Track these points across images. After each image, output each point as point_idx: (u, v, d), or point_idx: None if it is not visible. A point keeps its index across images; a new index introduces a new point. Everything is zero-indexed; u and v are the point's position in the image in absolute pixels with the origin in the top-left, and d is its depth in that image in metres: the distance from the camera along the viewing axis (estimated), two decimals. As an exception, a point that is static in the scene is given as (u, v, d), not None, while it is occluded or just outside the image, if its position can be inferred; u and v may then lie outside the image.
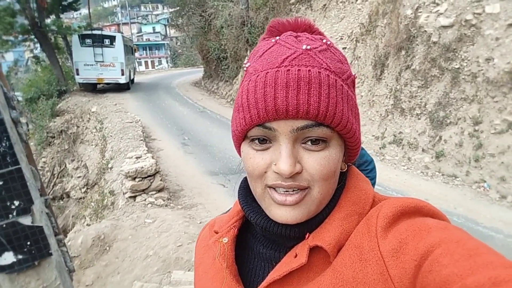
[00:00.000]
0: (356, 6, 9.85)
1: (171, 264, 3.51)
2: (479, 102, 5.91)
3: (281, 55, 0.53)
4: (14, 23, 13.98)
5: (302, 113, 0.50)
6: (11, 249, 1.74)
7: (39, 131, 12.78)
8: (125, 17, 64.54)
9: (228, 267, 0.60)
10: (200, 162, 7.36)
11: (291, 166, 0.50)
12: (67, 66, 17.73)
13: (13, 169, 1.72)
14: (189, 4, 16.90)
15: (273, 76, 0.51)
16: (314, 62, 0.52)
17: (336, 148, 0.54)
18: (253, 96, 0.52)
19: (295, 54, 0.52)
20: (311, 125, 0.51)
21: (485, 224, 4.50)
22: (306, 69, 0.51)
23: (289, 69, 0.51)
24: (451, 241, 0.42)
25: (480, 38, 6.10)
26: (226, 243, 0.62)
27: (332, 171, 0.53)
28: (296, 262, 0.53)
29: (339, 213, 0.56)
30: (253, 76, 0.54)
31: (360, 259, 0.50)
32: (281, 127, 0.51)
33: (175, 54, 46.86)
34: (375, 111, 7.82)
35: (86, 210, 7.40)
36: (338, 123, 0.52)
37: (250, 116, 0.52)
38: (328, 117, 0.50)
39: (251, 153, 0.55)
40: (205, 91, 16.85)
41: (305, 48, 0.53)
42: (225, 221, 0.66)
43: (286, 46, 0.54)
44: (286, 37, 0.56)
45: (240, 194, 0.65)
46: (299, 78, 0.50)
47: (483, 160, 5.59)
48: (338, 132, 0.53)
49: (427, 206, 0.52)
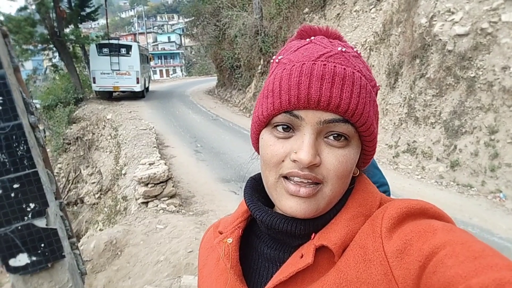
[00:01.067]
0: (370, 15, 9.84)
1: (182, 270, 3.52)
2: (495, 111, 5.81)
3: (317, 51, 0.54)
4: (34, 32, 14.37)
5: (333, 106, 0.51)
6: (26, 250, 1.77)
7: (56, 138, 13.03)
8: (141, 27, 65.85)
9: (232, 267, 0.60)
10: (212, 169, 7.39)
11: (311, 156, 0.51)
12: (84, 75, 18.12)
13: (30, 172, 1.75)
14: (204, 14, 17.16)
15: (309, 68, 0.52)
16: (349, 63, 0.54)
17: (355, 149, 0.55)
18: (287, 83, 0.53)
19: (331, 52, 0.54)
20: (338, 120, 0.52)
21: (500, 235, 4.39)
22: (342, 67, 0.52)
23: (326, 64, 0.52)
24: (457, 242, 0.42)
25: (496, 46, 6.02)
26: (230, 243, 0.62)
27: (348, 171, 0.54)
28: (302, 262, 0.53)
29: (346, 214, 0.56)
30: (288, 66, 0.54)
31: (364, 259, 0.50)
32: (308, 117, 0.52)
33: (190, 63, 47.44)
34: (388, 119, 7.75)
35: (99, 216, 7.49)
36: (364, 123, 0.53)
37: (280, 101, 0.53)
38: (356, 115, 0.52)
39: (272, 141, 0.55)
40: (218, 99, 16.97)
41: (340, 49, 0.55)
42: (230, 222, 0.67)
43: (321, 45, 0.55)
44: (321, 38, 0.58)
45: (246, 193, 0.65)
46: (335, 73, 0.51)
47: (499, 170, 5.47)
48: (360, 132, 0.54)
49: (432, 208, 0.51)
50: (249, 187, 0.66)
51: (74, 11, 16.26)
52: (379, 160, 7.20)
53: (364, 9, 10.16)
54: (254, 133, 0.60)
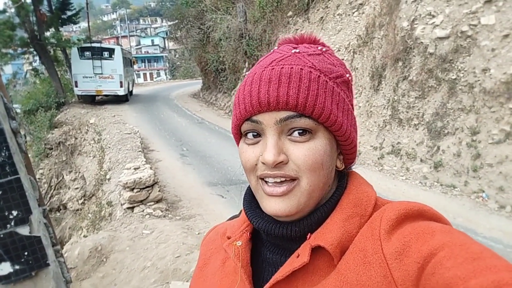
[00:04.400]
0: (353, 18, 9.97)
1: (169, 275, 3.47)
2: (476, 112, 5.94)
3: (271, 59, 0.58)
4: (13, 36, 14.08)
5: (282, 104, 0.53)
6: (8, 259, 1.72)
7: (37, 143, 12.76)
8: (124, 30, 65.12)
9: (243, 267, 0.61)
10: (199, 173, 7.35)
11: (274, 156, 0.53)
12: (66, 79, 17.81)
13: (12, 179, 1.71)
14: (188, 17, 17.07)
15: (259, 75, 0.56)
16: (299, 61, 0.56)
17: (322, 141, 0.56)
18: (242, 93, 0.57)
19: (283, 56, 0.57)
20: (293, 116, 0.54)
21: (484, 234, 4.48)
22: (289, 66, 0.55)
23: (274, 67, 0.56)
24: (455, 244, 0.43)
25: (476, 49, 6.17)
26: (240, 245, 0.63)
27: (318, 162, 0.55)
28: (298, 261, 0.54)
29: (340, 214, 0.56)
30: (247, 78, 0.59)
31: (364, 262, 0.50)
32: (266, 120, 0.55)
33: (174, 66, 47.16)
34: (373, 121, 7.85)
35: (83, 222, 7.34)
36: (320, 114, 0.54)
37: (239, 111, 0.57)
38: (307, 107, 0.53)
39: (244, 148, 0.59)
40: (203, 102, 16.91)
41: (293, 52, 0.57)
42: (237, 227, 0.68)
43: (279, 52, 0.59)
44: (284, 46, 0.61)
45: (245, 200, 0.67)
46: (281, 74, 0.54)
47: (481, 170, 5.59)
48: (323, 124, 0.55)
49: (430, 210, 0.52)
50: (248, 194, 0.67)
51: (54, 14, 15.99)
52: (364, 161, 7.28)
53: (347, 12, 10.29)
54: (236, 144, 0.64)
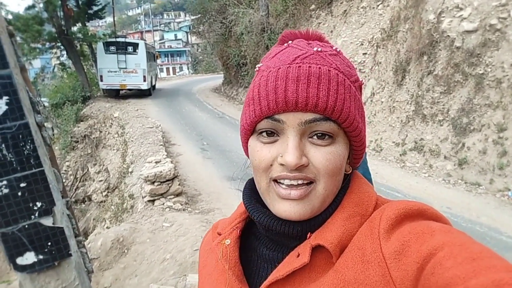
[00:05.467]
0: (377, 11, 9.76)
1: (188, 268, 3.54)
2: (503, 108, 5.73)
3: (293, 55, 0.55)
4: (41, 31, 14.51)
5: (311, 106, 0.51)
6: (33, 249, 1.79)
7: (64, 136, 13.16)
8: (148, 25, 65.98)
9: (230, 268, 0.60)
10: (219, 167, 7.41)
11: (297, 158, 0.51)
12: (92, 73, 18.25)
13: (37, 171, 1.77)
14: (210, 12, 17.15)
15: (284, 71, 0.53)
16: (324, 62, 0.54)
17: (342, 146, 0.55)
18: (264, 89, 0.54)
19: (307, 54, 0.54)
20: (319, 118, 0.52)
21: (508, 234, 4.34)
22: (317, 66, 0.53)
23: (300, 65, 0.53)
24: (455, 244, 0.42)
25: (505, 43, 5.94)
26: (228, 244, 0.62)
27: (338, 167, 0.54)
28: (298, 261, 0.53)
29: (341, 214, 0.56)
30: (265, 73, 0.56)
31: (362, 260, 0.50)
32: (289, 120, 0.53)
33: (196, 60, 47.47)
34: (395, 117, 7.70)
35: (106, 213, 7.55)
36: (345, 119, 0.53)
37: (260, 108, 0.54)
38: (335, 112, 0.52)
39: (259, 146, 0.56)
40: (224, 97, 16.99)
41: (316, 50, 0.55)
42: (228, 223, 0.67)
43: (298, 48, 0.56)
44: (298, 41, 0.58)
45: (244, 194, 0.66)
46: (310, 74, 0.52)
47: (508, 168, 5.41)
48: (344, 129, 0.54)
49: (430, 209, 0.52)
50: (248, 189, 0.67)
51: (81, 9, 16.37)
52: (386, 158, 7.15)
53: (371, 5, 10.08)
54: (243, 141, 0.62)
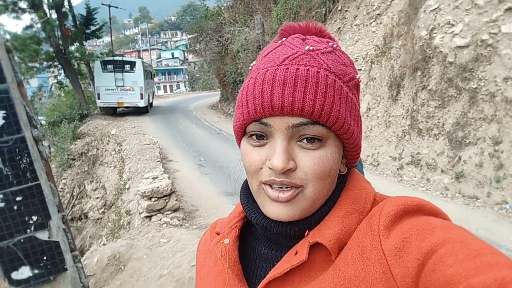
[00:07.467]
0: (371, 28, 9.93)
1: (185, 284, 3.49)
2: (498, 121, 5.79)
3: (283, 55, 0.54)
4: (39, 50, 14.63)
5: (297, 110, 0.50)
6: (28, 263, 1.77)
7: (61, 154, 13.11)
8: (145, 44, 66.81)
9: (230, 267, 0.60)
10: (216, 183, 7.38)
11: (284, 162, 0.51)
12: (89, 91, 18.35)
13: (33, 185, 1.77)
14: (207, 30, 17.39)
15: (271, 74, 0.52)
16: (315, 62, 0.52)
17: (332, 149, 0.54)
18: (252, 92, 0.53)
19: (297, 54, 0.53)
20: (306, 122, 0.51)
21: (508, 247, 4.32)
22: (305, 68, 0.51)
23: (288, 67, 0.52)
24: (456, 241, 0.42)
25: (497, 57, 6.04)
26: (227, 244, 0.62)
27: (326, 171, 0.53)
28: (296, 259, 0.53)
29: (339, 211, 0.56)
30: (254, 74, 0.55)
31: (363, 257, 0.49)
32: (276, 123, 0.52)
33: (193, 78, 47.88)
34: (391, 131, 7.74)
35: (103, 230, 7.46)
36: (334, 122, 0.52)
37: (248, 111, 0.53)
38: (323, 115, 0.51)
39: (249, 149, 0.56)
40: (221, 113, 17.06)
41: (307, 49, 0.54)
42: (226, 222, 0.67)
43: (290, 46, 0.55)
44: (292, 39, 0.57)
45: (242, 194, 0.65)
46: (297, 76, 0.51)
47: (505, 181, 5.42)
48: (334, 132, 0.53)
49: (428, 204, 0.51)
50: (245, 189, 0.66)
51: (79, 29, 16.59)
52: (383, 172, 7.16)
53: (365, 23, 10.26)
54: (237, 142, 0.61)
